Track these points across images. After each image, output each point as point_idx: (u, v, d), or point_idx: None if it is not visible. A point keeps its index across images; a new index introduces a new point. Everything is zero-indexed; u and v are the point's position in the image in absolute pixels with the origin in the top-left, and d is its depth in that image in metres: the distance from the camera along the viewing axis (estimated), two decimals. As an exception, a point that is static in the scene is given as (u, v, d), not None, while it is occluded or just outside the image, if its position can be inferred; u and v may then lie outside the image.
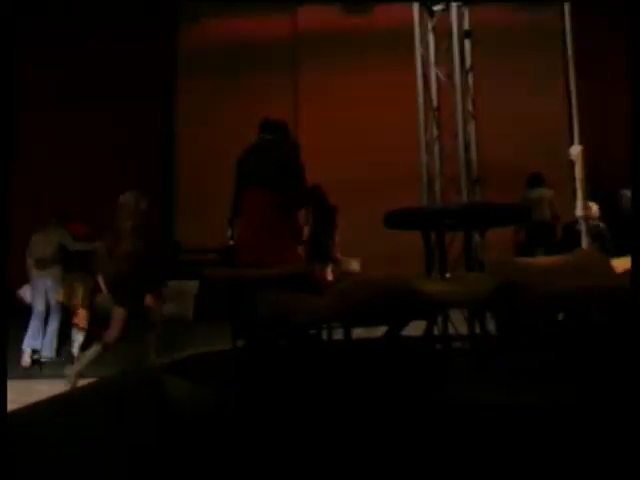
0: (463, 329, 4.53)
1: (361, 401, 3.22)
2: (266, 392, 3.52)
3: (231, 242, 4.36)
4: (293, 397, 3.37)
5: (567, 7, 4.67)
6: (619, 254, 4.63)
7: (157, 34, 9.50)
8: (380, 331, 4.18)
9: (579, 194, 4.64)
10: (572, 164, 4.71)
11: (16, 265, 5.86)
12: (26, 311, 6.19)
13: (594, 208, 5.43)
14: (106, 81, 8.89)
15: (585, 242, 4.62)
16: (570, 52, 4.68)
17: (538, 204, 6.29)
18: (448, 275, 4.79)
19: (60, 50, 8.82)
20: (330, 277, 6.00)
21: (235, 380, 3.91)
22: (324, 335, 4.33)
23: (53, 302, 6.14)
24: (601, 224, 5.60)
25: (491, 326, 4.39)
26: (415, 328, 4.18)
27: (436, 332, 4.35)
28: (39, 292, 6.16)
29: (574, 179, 4.79)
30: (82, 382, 4.41)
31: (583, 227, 4.64)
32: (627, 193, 6.15)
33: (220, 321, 4.35)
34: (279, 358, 4.26)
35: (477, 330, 4.42)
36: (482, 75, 5.27)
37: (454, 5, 4.87)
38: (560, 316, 4.43)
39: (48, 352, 6.02)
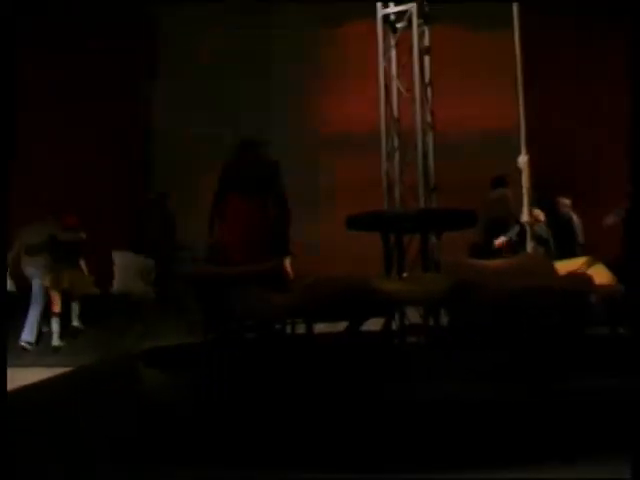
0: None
1: (320, 391, 3.48)
2: (233, 383, 3.76)
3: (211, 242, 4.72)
4: (257, 387, 3.62)
5: (516, 30, 5.03)
6: (561, 257, 5.02)
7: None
8: (342, 326, 4.46)
9: (525, 200, 5.01)
10: (520, 172, 5.07)
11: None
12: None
13: (539, 214, 5.80)
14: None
15: (530, 246, 4.99)
16: (519, 71, 5.05)
17: (497, 203, 6.63)
18: (406, 275, 5.10)
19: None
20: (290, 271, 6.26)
21: (205, 371, 4.13)
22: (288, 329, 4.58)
23: (36, 288, 6.31)
24: (545, 229, 5.98)
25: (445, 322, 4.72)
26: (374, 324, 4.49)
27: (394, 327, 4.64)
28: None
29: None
30: (60, 371, 4.54)
31: (528, 232, 5.01)
32: (564, 200, 6.61)
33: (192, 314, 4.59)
34: (246, 351, 4.50)
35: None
36: (441, 88, 5.61)
37: (415, 23, 5.20)
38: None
39: (28, 336, 6.20)
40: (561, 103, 9.39)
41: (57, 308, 6.29)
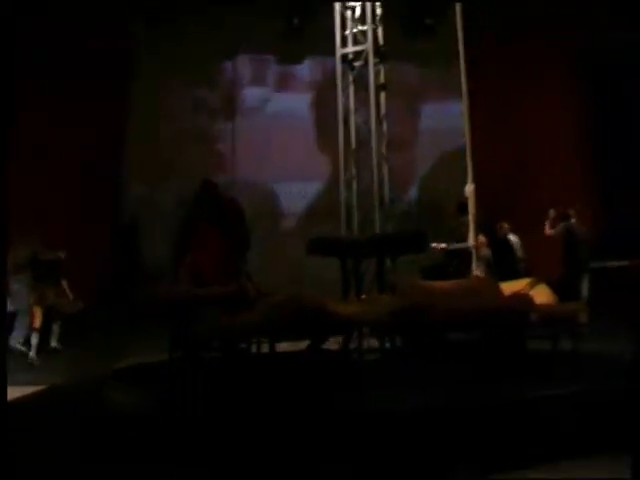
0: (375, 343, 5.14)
1: (281, 404, 3.73)
2: (198, 399, 3.99)
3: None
4: (221, 403, 3.86)
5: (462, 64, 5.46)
6: (502, 275, 5.39)
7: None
8: (304, 345, 4.74)
9: (471, 226, 5.39)
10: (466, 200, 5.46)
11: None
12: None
13: (482, 238, 6.20)
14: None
15: (475, 268, 5.37)
16: (464, 106, 5.47)
17: (458, 229, 7.06)
18: (363, 297, 5.41)
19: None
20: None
21: (171, 388, 4.35)
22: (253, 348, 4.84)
23: (21, 305, 6.49)
24: (488, 251, 6.38)
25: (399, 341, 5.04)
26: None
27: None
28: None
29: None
30: (33, 389, 4.67)
31: (474, 255, 5.39)
32: (503, 224, 7.08)
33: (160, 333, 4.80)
34: (211, 369, 4.74)
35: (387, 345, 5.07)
36: (395, 121, 6.02)
37: (371, 62, 5.60)
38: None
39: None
40: (500, 133, 10.10)
41: (37, 324, 6.52)
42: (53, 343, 6.72)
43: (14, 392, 4.64)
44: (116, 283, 8.57)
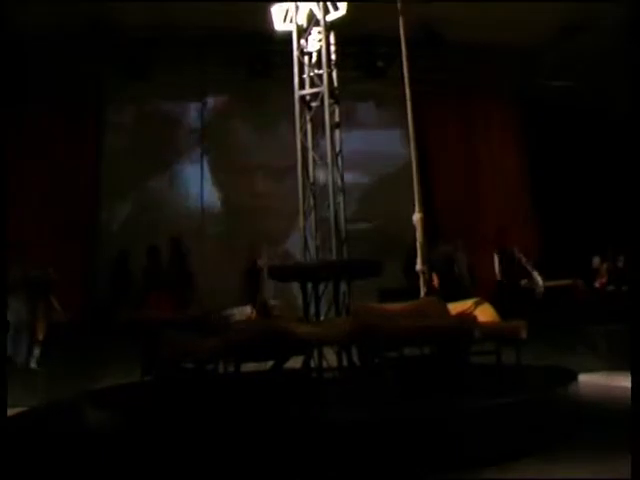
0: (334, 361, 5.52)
1: (248, 421, 4.06)
2: (169, 419, 4.30)
3: None
4: (191, 422, 4.17)
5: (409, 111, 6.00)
6: (448, 299, 5.83)
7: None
8: (268, 365, 5.12)
9: (419, 253, 5.85)
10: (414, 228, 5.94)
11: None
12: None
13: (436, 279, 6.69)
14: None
15: (422, 291, 5.83)
16: (412, 147, 6.00)
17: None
18: (322, 318, 5.82)
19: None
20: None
21: (143, 409, 4.66)
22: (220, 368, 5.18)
23: (20, 321, 7.01)
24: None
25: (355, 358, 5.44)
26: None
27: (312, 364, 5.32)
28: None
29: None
30: (10, 412, 4.91)
31: (421, 280, 5.85)
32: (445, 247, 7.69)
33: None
34: (181, 390, 5.07)
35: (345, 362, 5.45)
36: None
37: (327, 102, 6.09)
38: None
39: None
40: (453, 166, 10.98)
41: (41, 337, 7.17)
42: (32, 364, 7.09)
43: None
44: (99, 303, 9.14)
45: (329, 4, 6.25)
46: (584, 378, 5.26)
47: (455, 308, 5.81)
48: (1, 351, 3.76)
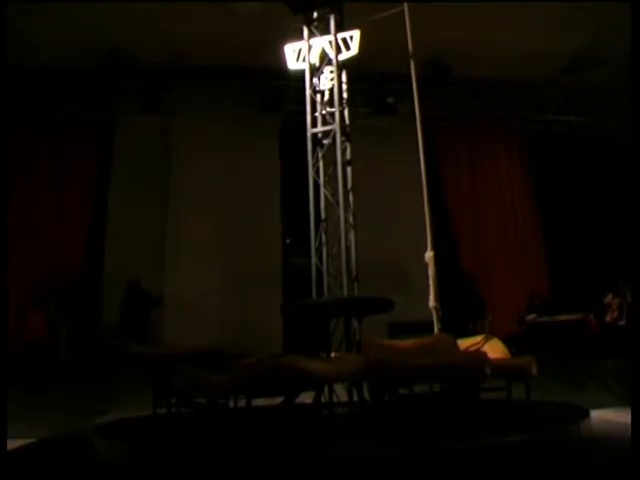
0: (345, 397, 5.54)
1: (258, 457, 4.08)
2: (182, 452, 4.33)
3: None
4: (204, 455, 4.20)
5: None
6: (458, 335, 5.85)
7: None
8: (278, 400, 5.14)
9: (432, 289, 5.90)
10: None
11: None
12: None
13: None
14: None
15: (436, 327, 5.86)
16: (424, 181, 6.09)
17: None
18: (333, 355, 5.86)
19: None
20: None
21: (157, 441, 4.70)
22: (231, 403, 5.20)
23: None
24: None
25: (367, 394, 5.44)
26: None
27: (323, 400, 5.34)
28: None
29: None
30: (19, 443, 4.92)
31: (435, 316, 5.88)
32: None
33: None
34: (193, 423, 5.11)
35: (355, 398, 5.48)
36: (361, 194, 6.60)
37: (339, 140, 6.20)
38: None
39: None
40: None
41: None
42: None
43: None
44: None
45: (341, 43, 6.40)
46: (595, 414, 5.24)
47: (464, 343, 5.84)
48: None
